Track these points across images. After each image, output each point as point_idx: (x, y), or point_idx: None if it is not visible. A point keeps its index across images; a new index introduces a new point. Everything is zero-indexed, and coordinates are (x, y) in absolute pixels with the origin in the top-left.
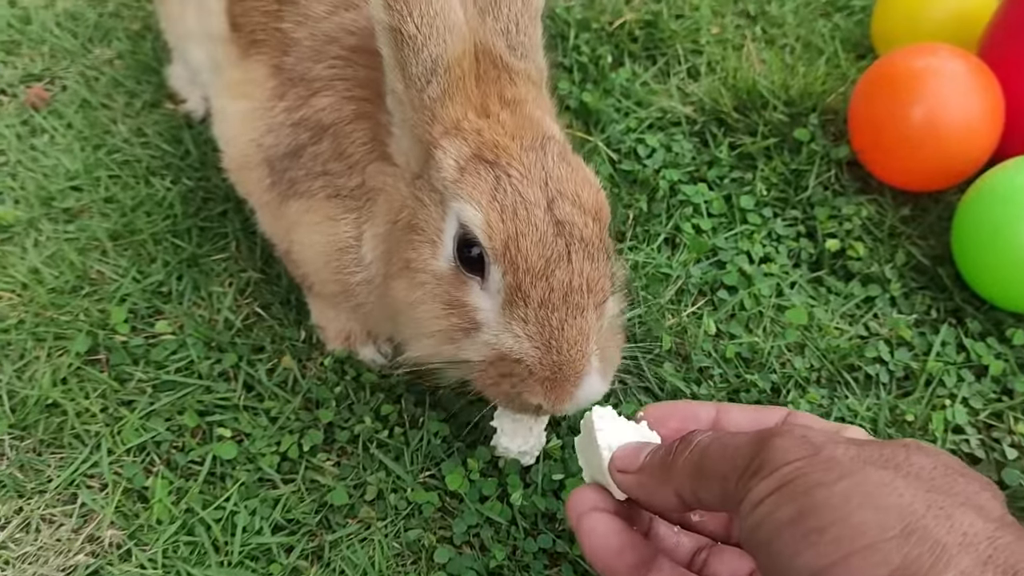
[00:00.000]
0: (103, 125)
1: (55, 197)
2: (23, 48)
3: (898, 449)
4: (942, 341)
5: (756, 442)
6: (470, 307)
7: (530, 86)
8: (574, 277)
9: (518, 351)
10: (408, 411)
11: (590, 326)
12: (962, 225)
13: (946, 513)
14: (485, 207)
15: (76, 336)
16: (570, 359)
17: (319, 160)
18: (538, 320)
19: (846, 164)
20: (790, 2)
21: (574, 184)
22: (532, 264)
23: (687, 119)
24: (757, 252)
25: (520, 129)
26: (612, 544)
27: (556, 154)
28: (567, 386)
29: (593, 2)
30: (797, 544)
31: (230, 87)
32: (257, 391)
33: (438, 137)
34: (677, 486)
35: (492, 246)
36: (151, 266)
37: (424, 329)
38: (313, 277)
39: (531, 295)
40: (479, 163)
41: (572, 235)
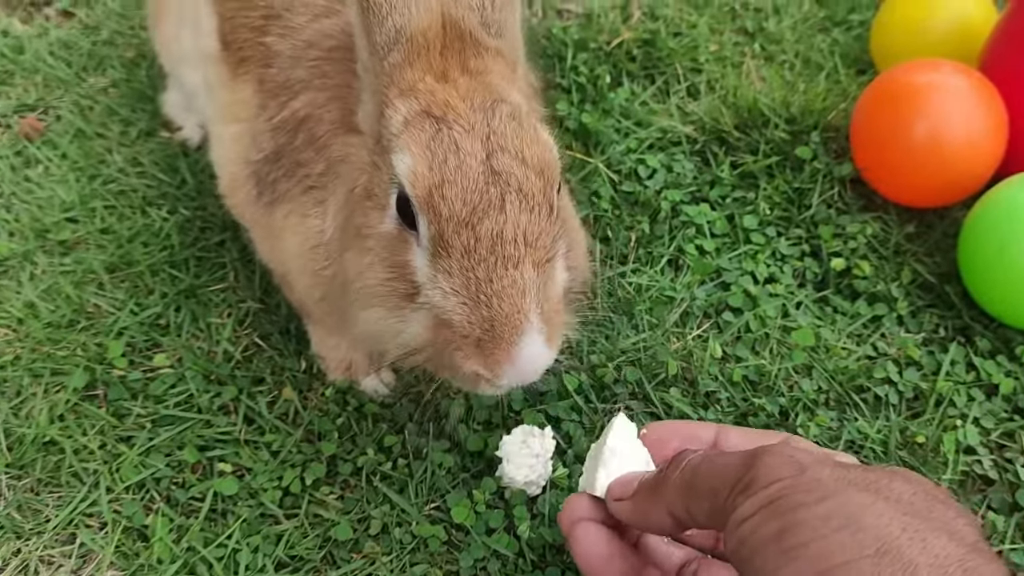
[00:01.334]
0: (98, 155)
1: (50, 229)
2: (16, 78)
3: (882, 475)
4: (951, 360)
5: (745, 460)
6: (409, 268)
7: (499, 61)
8: (507, 227)
9: (444, 308)
10: (411, 442)
11: (527, 281)
12: (968, 243)
13: (920, 536)
14: (416, 156)
15: (73, 372)
16: (503, 314)
17: (295, 154)
18: (462, 271)
19: (849, 181)
20: (788, 18)
21: (519, 140)
22: (455, 211)
23: (688, 138)
24: (762, 272)
25: (473, 92)
26: (602, 553)
27: (506, 114)
28: (501, 345)
29: (590, 21)
30: (778, 560)
31: (223, 110)
32: (258, 424)
33: (392, 98)
34: (669, 504)
35: (416, 194)
36: (148, 298)
37: (370, 300)
38: (300, 291)
39: (453, 244)
40: (425, 118)
41: (509, 184)
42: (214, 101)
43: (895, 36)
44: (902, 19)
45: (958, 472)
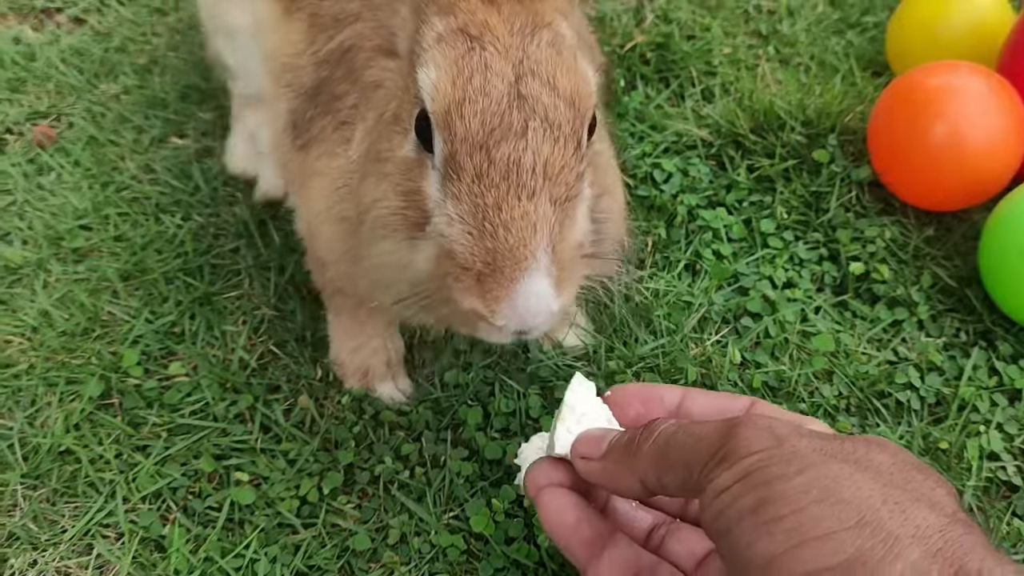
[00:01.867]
0: (111, 162)
1: (64, 237)
2: (28, 85)
3: (859, 444)
4: (973, 365)
5: (721, 431)
6: (422, 194)
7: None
8: (526, 155)
9: (449, 235)
10: (429, 450)
11: (540, 214)
12: (989, 247)
13: (901, 507)
14: (442, 70)
15: (88, 380)
16: (507, 246)
17: (333, 87)
18: (471, 197)
19: (867, 185)
20: (802, 20)
21: (554, 67)
22: (472, 132)
23: (703, 142)
24: (780, 277)
25: (516, 15)
26: (569, 519)
27: (545, 40)
28: (503, 281)
29: (603, 25)
30: (755, 532)
31: (271, 53)
32: (274, 432)
33: (431, 14)
34: (641, 473)
35: (434, 109)
36: (163, 306)
37: (381, 230)
38: (323, 247)
39: (465, 167)
40: (459, 35)
41: (535, 111)
42: (261, 44)
43: (911, 38)
44: (918, 21)
45: (982, 479)
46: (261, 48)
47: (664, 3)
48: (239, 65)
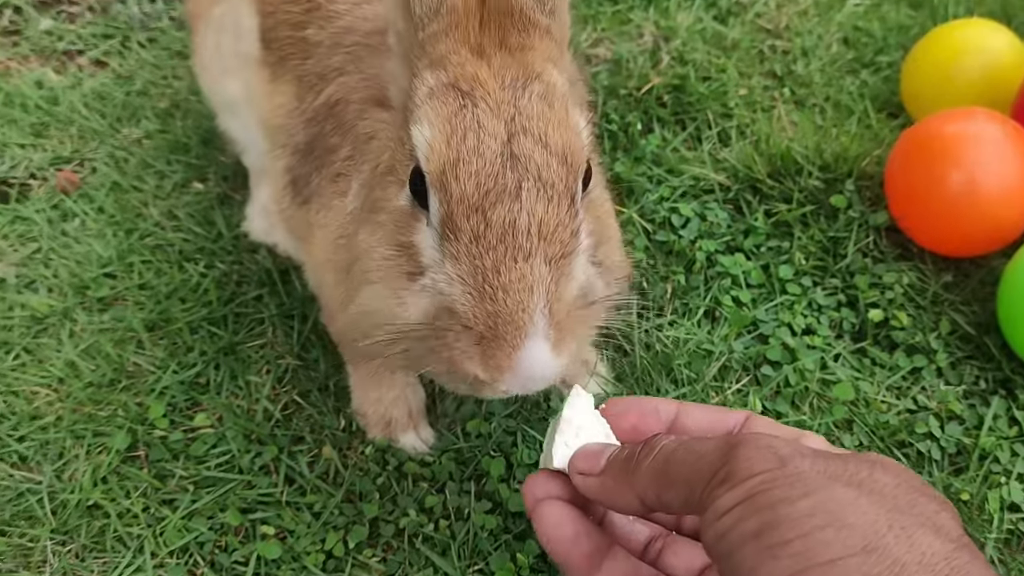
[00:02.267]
0: (134, 208)
1: (89, 286)
2: (51, 130)
3: (862, 465)
4: (993, 414)
5: (723, 450)
6: (416, 247)
7: (547, 40)
8: (520, 216)
9: (449, 294)
10: (453, 502)
11: (536, 277)
12: (1008, 294)
13: (907, 533)
14: (435, 128)
15: (115, 433)
16: (507, 311)
17: (325, 141)
18: (469, 257)
19: (884, 230)
20: (816, 60)
21: (545, 123)
22: (467, 193)
23: (720, 186)
24: (799, 324)
25: (506, 68)
26: (567, 532)
27: (536, 93)
28: (505, 348)
29: (619, 67)
30: (759, 556)
31: (264, 117)
32: (299, 484)
33: (422, 68)
34: (640, 491)
35: (429, 169)
36: (188, 356)
37: (371, 275)
38: (328, 296)
39: (463, 228)
40: (450, 90)
41: (527, 171)
42: (256, 111)
43: (926, 81)
44: (933, 64)
45: (1003, 531)
46: (256, 114)
47: (680, 44)
48: (244, 138)
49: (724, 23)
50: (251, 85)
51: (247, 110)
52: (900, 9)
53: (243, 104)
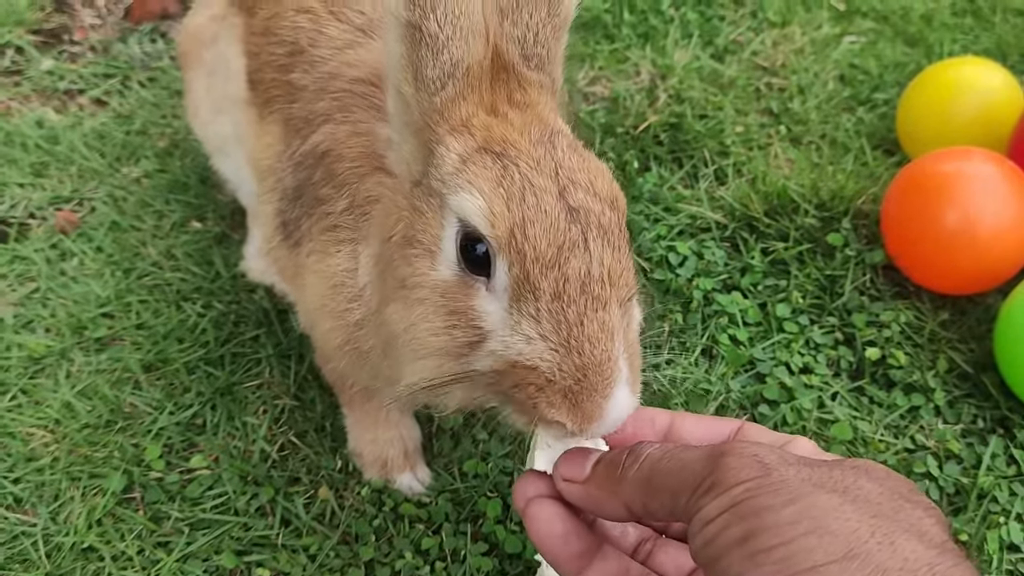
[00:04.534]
0: (133, 248)
1: (87, 326)
2: (51, 169)
3: (848, 471)
4: (992, 453)
5: (708, 459)
6: (476, 314)
7: (542, 93)
8: (593, 266)
9: (531, 355)
10: (449, 543)
11: (615, 323)
12: (1005, 333)
13: (889, 539)
14: (488, 194)
15: (111, 475)
16: (595, 361)
17: (315, 190)
18: (551, 315)
19: (881, 268)
20: (812, 98)
21: (587, 173)
22: (541, 252)
23: (717, 225)
24: (796, 362)
25: (529, 126)
26: (557, 531)
27: (566, 146)
28: (595, 397)
29: (616, 105)
30: (743, 564)
31: (252, 157)
32: (295, 526)
33: (443, 135)
34: (626, 499)
35: (496, 234)
36: (184, 396)
37: (422, 350)
38: (321, 338)
39: (541, 287)
40: (485, 154)
41: (588, 222)
42: (245, 150)
43: (922, 119)
44: (928, 102)
45: (1003, 572)
46: (245, 153)
47: (677, 82)
48: (236, 178)
49: (721, 61)
50: (240, 125)
51: (237, 150)
52: (896, 47)
53: (233, 144)
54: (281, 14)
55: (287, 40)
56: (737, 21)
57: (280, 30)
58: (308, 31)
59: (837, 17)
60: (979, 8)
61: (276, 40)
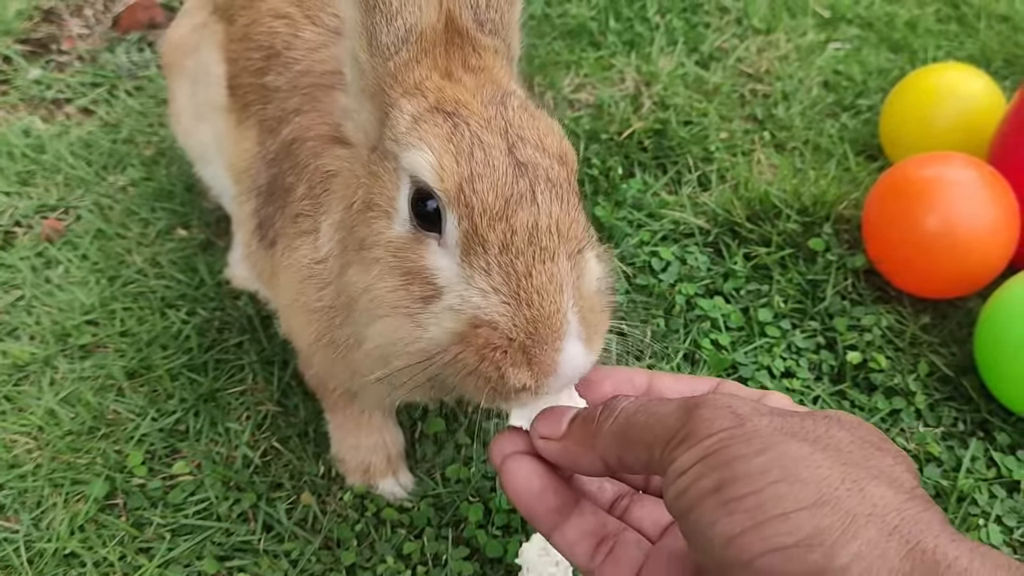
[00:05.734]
0: (118, 255)
1: (71, 333)
2: (38, 178)
3: (819, 421)
4: (971, 456)
5: (682, 412)
6: (429, 271)
7: (496, 57)
8: (540, 218)
9: (487, 309)
10: (431, 548)
11: (563, 275)
12: (985, 338)
13: (859, 486)
14: (438, 149)
15: (94, 481)
16: (544, 314)
17: (282, 180)
18: (501, 267)
19: (862, 272)
20: (796, 104)
21: (536, 130)
22: (489, 204)
23: (700, 230)
24: (778, 366)
25: (482, 87)
26: (533, 487)
27: (517, 105)
28: (546, 351)
29: (601, 112)
30: (715, 512)
31: (230, 161)
32: (277, 531)
33: (397, 98)
34: (602, 452)
35: (444, 188)
36: (168, 403)
37: (379, 310)
38: (297, 335)
39: (489, 239)
40: (436, 113)
41: (536, 176)
42: (224, 156)
43: (904, 125)
44: (911, 108)
45: None
46: (224, 159)
47: (661, 89)
48: (218, 185)
49: (706, 68)
50: (219, 131)
51: (218, 157)
52: (880, 53)
53: (214, 151)
54: (259, 20)
55: (264, 45)
56: (722, 28)
57: (257, 36)
58: (284, 35)
59: (822, 24)
60: (963, 15)
61: (254, 46)
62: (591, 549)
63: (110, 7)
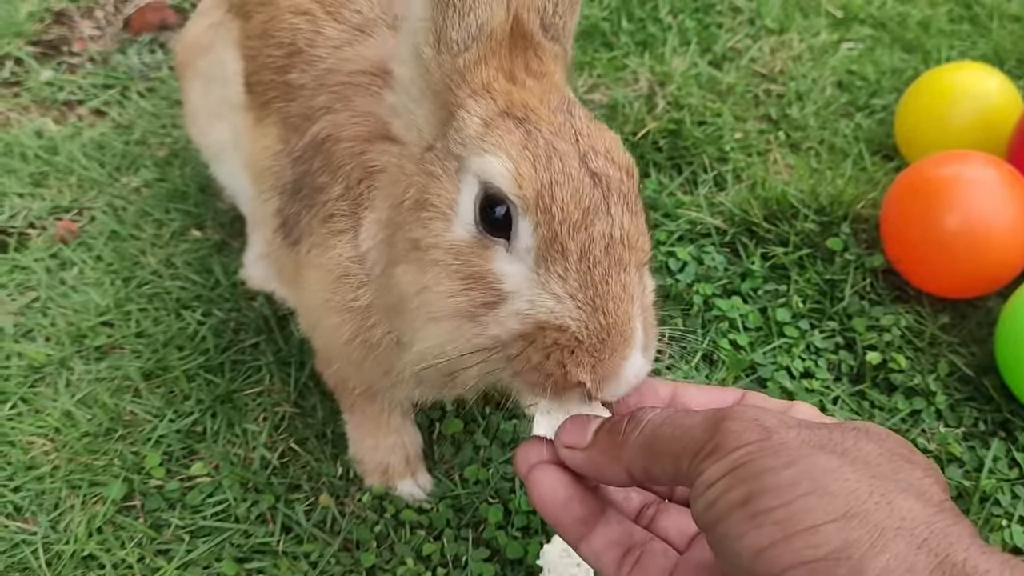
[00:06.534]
0: (132, 257)
1: (87, 335)
2: (51, 179)
3: (848, 433)
4: (993, 456)
5: (709, 424)
6: (494, 276)
7: (557, 63)
8: (615, 229)
9: (560, 314)
10: (450, 549)
11: (634, 286)
12: (1005, 336)
13: (887, 499)
14: (515, 157)
15: (111, 483)
16: (617, 322)
17: (312, 180)
18: (579, 275)
19: (881, 272)
20: (811, 104)
21: (604, 141)
22: (569, 213)
23: (717, 230)
24: (797, 367)
25: (547, 94)
26: (559, 497)
27: (583, 115)
28: (615, 358)
29: (615, 112)
30: (744, 525)
31: (248, 160)
32: (296, 533)
33: (464, 98)
34: (628, 464)
35: (522, 195)
36: (184, 404)
37: (436, 312)
38: (328, 337)
39: (569, 247)
40: (507, 119)
41: (609, 187)
42: (242, 155)
43: (919, 124)
44: (926, 107)
45: None
46: (242, 159)
47: (675, 89)
48: (233, 185)
49: (719, 68)
50: (237, 129)
51: (233, 156)
52: (893, 53)
53: (231, 150)
54: (278, 17)
55: (285, 42)
56: (735, 28)
57: (278, 32)
58: (306, 32)
59: (835, 24)
60: (976, 14)
61: (274, 42)
62: (618, 559)
63: (121, 9)
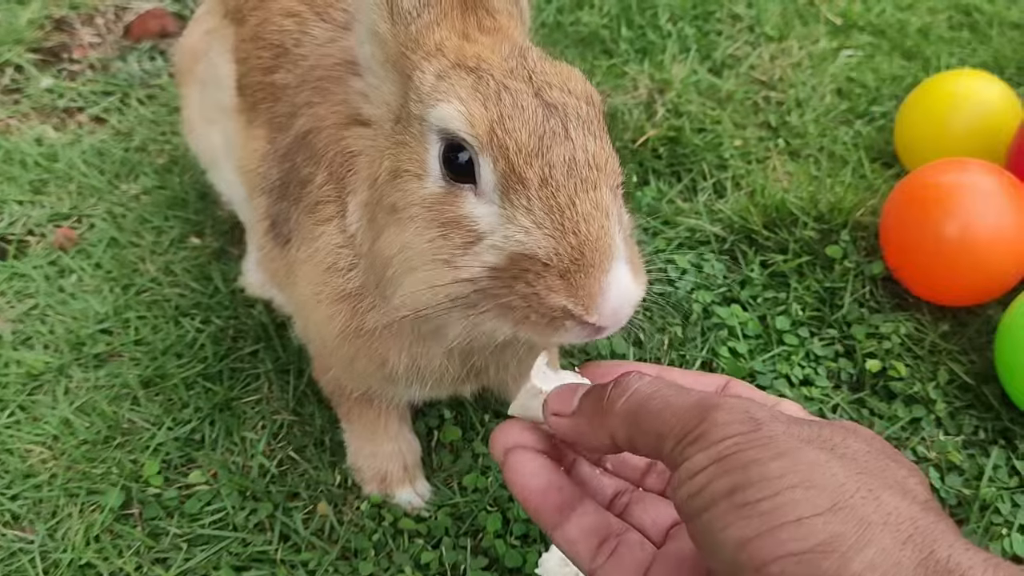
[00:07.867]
0: (131, 264)
1: (85, 342)
2: (50, 186)
3: (836, 431)
4: (993, 464)
5: (698, 410)
6: (468, 220)
7: (511, 19)
8: (577, 152)
9: (528, 243)
10: (449, 558)
11: (608, 203)
12: (1005, 344)
13: (874, 494)
14: (465, 99)
15: (109, 491)
16: (591, 237)
17: (298, 173)
18: (542, 202)
19: (880, 280)
20: (810, 111)
21: (560, 75)
22: (523, 143)
23: (716, 237)
24: (797, 375)
25: (499, 44)
26: (537, 483)
27: (537, 56)
28: (593, 273)
29: (615, 120)
30: (729, 515)
31: (240, 164)
32: (294, 541)
33: (419, 60)
34: (611, 429)
35: (475, 133)
36: (183, 412)
37: (417, 260)
38: (319, 331)
39: (528, 176)
40: (459, 69)
41: (567, 114)
42: (234, 158)
43: (919, 131)
44: (926, 114)
45: None
46: (234, 162)
47: (675, 96)
48: (227, 191)
49: (719, 75)
50: (229, 134)
51: (226, 161)
52: (893, 60)
53: (224, 155)
54: (269, 19)
55: (273, 43)
56: (735, 36)
57: (268, 34)
58: (293, 33)
59: (834, 31)
60: (975, 22)
61: (263, 44)
62: (593, 548)
63: (121, 16)
